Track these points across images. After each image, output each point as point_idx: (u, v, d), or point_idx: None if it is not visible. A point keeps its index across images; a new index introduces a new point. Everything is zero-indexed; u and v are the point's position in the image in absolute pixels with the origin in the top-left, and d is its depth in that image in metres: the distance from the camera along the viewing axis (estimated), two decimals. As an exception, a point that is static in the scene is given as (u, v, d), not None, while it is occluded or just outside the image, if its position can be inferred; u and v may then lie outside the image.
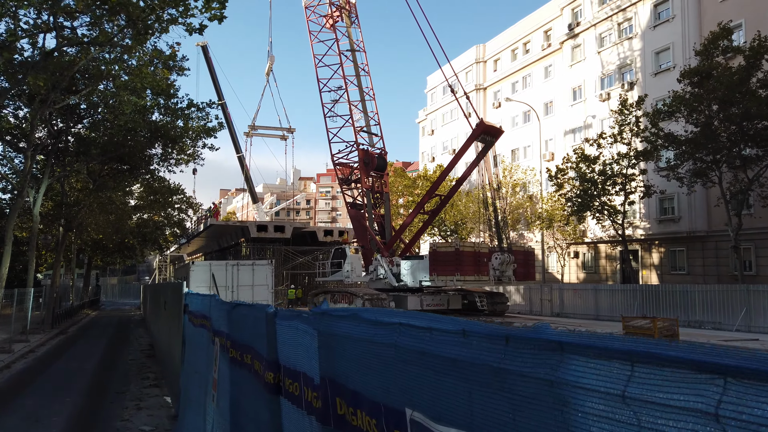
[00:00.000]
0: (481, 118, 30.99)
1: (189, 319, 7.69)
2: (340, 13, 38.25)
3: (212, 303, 5.46)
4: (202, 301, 6.38)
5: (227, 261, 27.72)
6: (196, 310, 6.96)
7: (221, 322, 4.46)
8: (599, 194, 32.56)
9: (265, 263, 25.58)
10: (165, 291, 13.14)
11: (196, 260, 26.12)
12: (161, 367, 13.09)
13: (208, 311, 5.74)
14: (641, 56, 37.81)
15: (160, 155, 26.99)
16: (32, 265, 23.22)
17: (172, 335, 10.18)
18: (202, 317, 6.23)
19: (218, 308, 4.70)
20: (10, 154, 23.14)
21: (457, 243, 30.74)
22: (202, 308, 6.36)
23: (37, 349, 19.29)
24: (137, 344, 20.12)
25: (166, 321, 12.08)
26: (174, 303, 10.01)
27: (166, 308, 12.34)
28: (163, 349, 12.87)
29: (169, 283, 11.47)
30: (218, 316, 4.67)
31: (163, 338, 12.74)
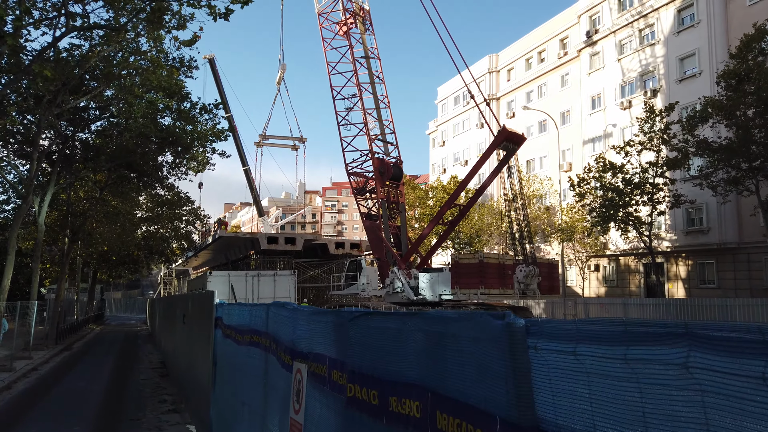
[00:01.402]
0: (504, 125, 29.82)
1: (224, 334, 6.40)
2: (354, 20, 37.36)
3: (273, 313, 4.20)
4: (252, 313, 5.10)
5: (247, 272, 26.38)
6: (237, 324, 5.67)
7: (318, 341, 3.16)
8: (625, 204, 31.25)
9: (287, 274, 24.26)
10: (183, 303, 11.85)
11: (213, 271, 24.80)
12: (179, 389, 11.75)
13: (263, 325, 4.47)
14: (665, 63, 36.71)
15: (170, 163, 25.85)
16: (36, 278, 21.96)
17: (196, 353, 8.88)
18: (251, 333, 4.96)
19: (303, 320, 3.41)
20: (15, 162, 21.99)
21: (481, 254, 29.40)
22: (250, 321, 5.09)
23: (41, 367, 17.97)
24: (147, 361, 18.77)
25: (185, 337, 10.77)
26: (199, 316, 8.72)
27: (185, 322, 11.04)
28: (181, 367, 11.54)
29: (190, 294, 10.19)
30: (304, 331, 3.38)
31: (182, 356, 11.42)
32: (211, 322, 7.42)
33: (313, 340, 3.22)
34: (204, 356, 7.86)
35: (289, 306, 3.69)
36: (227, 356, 6.18)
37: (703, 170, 28.85)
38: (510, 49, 54.10)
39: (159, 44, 17.35)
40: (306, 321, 3.31)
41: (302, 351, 3.34)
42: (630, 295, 38.35)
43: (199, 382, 8.33)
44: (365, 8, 38.73)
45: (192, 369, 9.37)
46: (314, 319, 3.22)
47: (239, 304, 5.91)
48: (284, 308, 3.75)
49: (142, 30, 16.40)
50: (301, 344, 3.38)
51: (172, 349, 14.64)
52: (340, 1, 37.31)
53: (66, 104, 17.22)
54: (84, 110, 21.59)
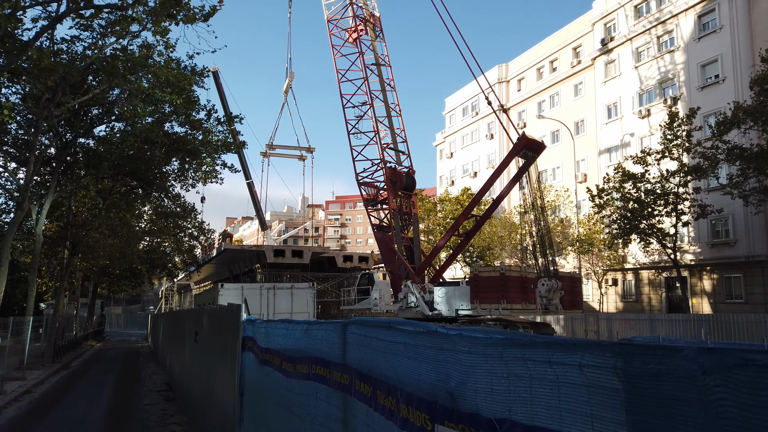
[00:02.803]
0: (524, 131, 28.63)
1: (261, 360, 5.03)
2: (364, 27, 36.38)
3: (359, 336, 2.85)
4: (312, 333, 3.73)
5: (261, 284, 24.94)
6: (283, 348, 4.31)
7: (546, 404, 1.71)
8: (648, 215, 29.88)
9: (305, 287, 22.83)
10: (195, 319, 10.46)
11: (225, 284, 23.38)
12: (191, 418, 10.32)
13: (334, 352, 3.14)
14: (685, 70, 35.58)
15: (176, 171, 24.53)
16: (33, 291, 20.57)
17: (215, 379, 7.49)
18: (309, 361, 3.61)
19: (494, 358, 1.87)
20: (12, 167, 20.70)
21: (502, 267, 27.96)
22: (308, 345, 3.73)
23: (35, 389, 16.51)
24: (151, 383, 17.31)
25: (199, 358, 9.38)
26: (219, 335, 7.35)
27: (198, 341, 9.65)
28: (193, 393, 10.12)
29: (205, 309, 8.82)
30: (500, 380, 1.87)
31: (194, 380, 10.01)
32: (237, 342, 6.06)
33: (529, 403, 1.78)
34: (226, 384, 6.49)
35: (417, 328, 2.31)
36: (266, 388, 4.81)
37: (733, 179, 27.54)
38: (520, 58, 53.15)
39: (165, 37, 16.14)
40: (518, 361, 1.81)
41: (480, 414, 1.92)
42: (651, 311, 36.84)
43: (220, 414, 6.94)
44: (375, 15, 37.79)
45: (209, 397, 7.98)
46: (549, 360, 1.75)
47: (284, 321, 4.57)
48: (400, 331, 2.36)
49: (148, 23, 15.25)
50: (480, 402, 1.96)
51: (180, 370, 13.22)
52: (350, 8, 36.39)
53: (66, 104, 15.97)
54: (86, 113, 20.35)
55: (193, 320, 10.61)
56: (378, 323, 2.70)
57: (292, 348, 4.09)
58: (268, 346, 4.81)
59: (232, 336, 6.27)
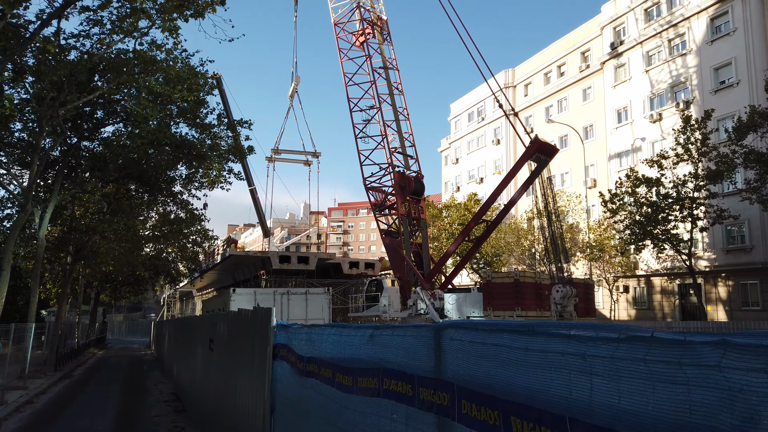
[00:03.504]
0: (536, 135, 28.06)
1: (299, 371, 4.40)
2: (372, 30, 35.94)
3: (481, 343, 2.18)
4: (378, 340, 3.10)
5: (275, 289, 24.26)
6: (333, 358, 3.67)
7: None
8: (662, 221, 29.24)
9: (321, 292, 22.17)
10: (209, 325, 9.82)
11: (237, 288, 22.71)
12: (203, 431, 9.66)
13: (428, 365, 2.51)
14: (698, 73, 35.05)
15: (184, 176, 23.90)
16: (35, 297, 19.94)
17: (237, 391, 6.86)
18: (381, 374, 2.99)
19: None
20: (16, 170, 20.10)
21: (516, 273, 27.34)
22: (373, 354, 3.09)
23: (37, 399, 15.85)
24: (157, 393, 16.64)
25: (215, 367, 8.74)
26: (242, 342, 6.72)
27: (213, 348, 9.01)
28: (208, 405, 9.47)
29: (224, 314, 8.18)
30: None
31: (209, 391, 9.36)
32: (266, 350, 5.43)
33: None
34: (253, 396, 5.86)
35: (604, 332, 1.67)
36: (309, 403, 4.16)
37: (750, 183, 26.92)
38: (527, 63, 52.70)
39: (175, 36, 15.60)
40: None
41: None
42: (663, 318, 36.14)
43: (243, 429, 6.30)
44: (383, 18, 37.36)
45: (228, 410, 7.34)
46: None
47: (336, 326, 3.93)
48: (563, 338, 1.71)
49: (157, 20, 14.72)
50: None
51: (190, 379, 12.57)
52: (358, 11, 35.99)
53: (72, 102, 15.41)
54: (91, 114, 19.79)
55: (207, 327, 9.98)
56: (506, 327, 2.09)
57: (350, 357, 3.47)
58: (311, 355, 4.18)
59: (260, 343, 5.65)
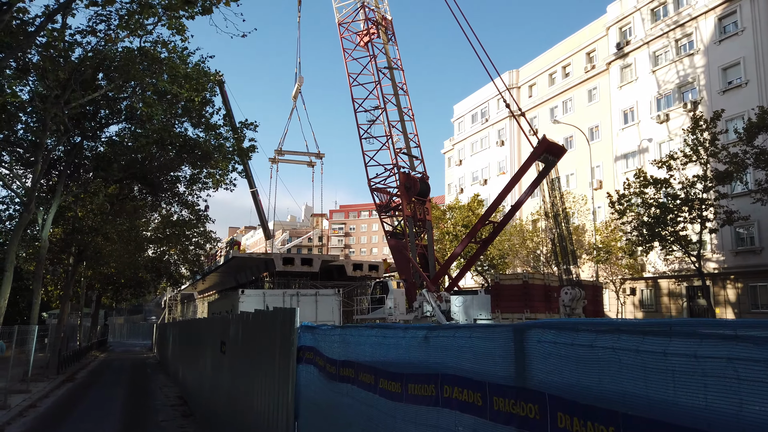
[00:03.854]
0: (544, 135, 27.77)
1: (331, 376, 4.07)
2: (376, 30, 35.67)
3: (589, 346, 1.84)
4: (434, 342, 2.75)
5: (284, 290, 23.95)
6: (381, 362, 3.32)
7: None
8: (671, 222, 28.88)
9: (331, 293, 21.84)
10: (220, 327, 9.49)
11: (246, 290, 22.35)
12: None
13: (506, 372, 2.18)
14: (705, 73, 34.75)
15: (188, 176, 23.56)
16: (37, 299, 19.61)
17: (254, 395, 6.52)
18: (440, 381, 2.64)
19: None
20: (17, 169, 19.77)
21: (525, 275, 26.97)
22: (430, 359, 2.74)
23: (40, 403, 15.51)
24: (162, 396, 16.29)
25: (227, 370, 8.41)
26: (260, 345, 6.39)
27: (225, 351, 8.68)
28: (218, 408, 9.13)
29: (240, 315, 7.83)
30: None
31: (219, 395, 9.02)
32: (290, 353, 5.10)
33: None
34: (273, 402, 5.53)
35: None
36: (345, 410, 3.81)
37: (762, 184, 26.58)
38: (531, 64, 52.40)
39: (182, 33, 15.32)
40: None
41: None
42: (671, 320, 35.71)
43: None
44: (387, 18, 37.10)
45: (243, 416, 7.00)
46: None
47: (378, 326, 3.59)
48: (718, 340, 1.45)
49: (163, 16, 14.44)
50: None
51: (198, 383, 12.23)
52: (362, 11, 35.75)
53: (77, 100, 15.11)
54: (95, 113, 19.48)
55: (218, 329, 9.65)
56: (626, 327, 1.77)
57: (396, 361, 3.12)
58: (346, 358, 3.85)
59: (283, 346, 5.32)
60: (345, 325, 4.41)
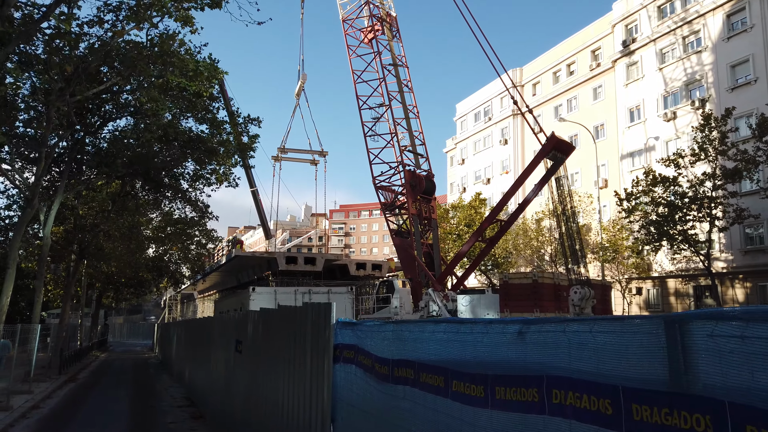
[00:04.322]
0: (553, 132, 27.43)
1: (381, 375, 3.67)
2: (381, 26, 35.26)
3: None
4: (534, 339, 2.35)
5: (296, 288, 23.57)
6: (455, 360, 2.91)
7: None
8: (679, 221, 28.51)
9: (344, 291, 21.48)
10: (237, 326, 9.07)
11: (257, 287, 21.89)
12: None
13: (657, 374, 1.80)
14: (713, 71, 34.40)
15: (192, 172, 23.10)
16: (39, 298, 19.19)
17: (279, 396, 6.11)
18: (541, 384, 2.24)
19: None
20: (18, 164, 19.33)
21: (535, 273, 26.61)
22: (528, 358, 2.35)
23: (43, 404, 15.08)
24: (169, 398, 15.87)
25: (246, 371, 8.00)
26: (289, 343, 5.97)
27: (242, 350, 8.28)
28: (233, 410, 8.73)
29: (262, 312, 7.38)
30: None
31: (235, 396, 8.61)
32: (325, 352, 4.70)
33: None
34: (306, 404, 5.12)
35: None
36: (402, 415, 3.40)
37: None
38: (535, 62, 52.02)
39: (191, 25, 14.94)
40: None
41: None
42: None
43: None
44: (392, 14, 36.71)
45: (266, 416, 6.59)
46: None
47: (446, 321, 3.17)
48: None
49: (172, 8, 14.05)
50: None
51: (208, 384, 11.81)
52: (366, 7, 35.34)
53: (82, 93, 14.68)
54: (99, 107, 19.05)
55: (232, 327, 9.24)
56: None
57: (477, 361, 2.70)
58: (402, 357, 3.44)
59: (316, 344, 4.91)
60: (400, 321, 4.01)
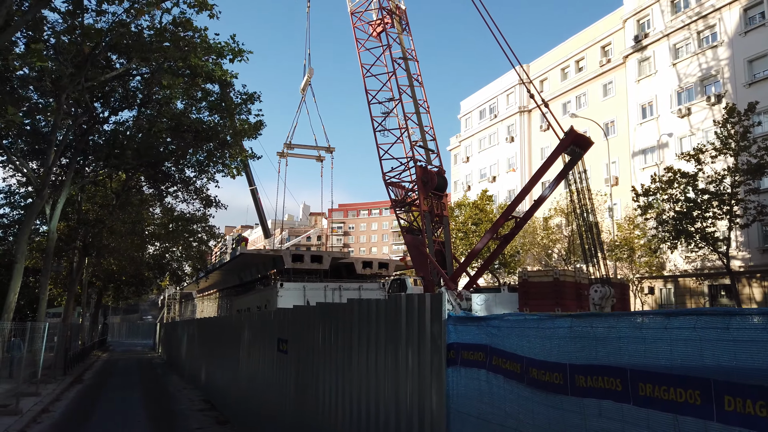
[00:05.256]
0: (571, 126, 26.68)
1: (544, 384, 2.90)
2: (390, 19, 34.51)
3: None
4: None
5: (326, 284, 22.81)
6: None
7: None
8: (699, 218, 27.85)
9: (375, 287, 20.80)
10: (279, 323, 8.27)
11: (285, 283, 21.02)
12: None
13: None
14: (730, 66, 33.78)
15: (201, 162, 22.23)
16: (45, 295, 18.35)
17: (351, 403, 5.33)
18: None
19: None
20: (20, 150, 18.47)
21: (556, 271, 25.87)
22: None
23: (52, 407, 14.24)
24: (186, 400, 15.04)
25: (294, 373, 7.20)
26: (383, 341, 5.20)
27: (287, 350, 7.49)
28: (280, 417, 7.93)
29: (315, 307, 6.57)
30: None
31: (277, 402, 7.81)
32: (436, 353, 3.93)
33: None
34: (410, 416, 4.34)
35: None
36: None
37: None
38: (542, 59, 51.35)
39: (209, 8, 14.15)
40: None
41: None
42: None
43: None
44: (401, 7, 35.96)
45: (330, 425, 5.80)
46: None
47: (692, 312, 2.41)
48: None
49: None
50: None
51: (236, 386, 10.99)
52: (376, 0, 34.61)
53: (96, 78, 13.87)
54: (107, 97, 18.21)
55: (274, 325, 8.45)
56: None
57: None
58: (593, 363, 2.61)
59: (424, 343, 4.11)
60: (580, 314, 3.24)
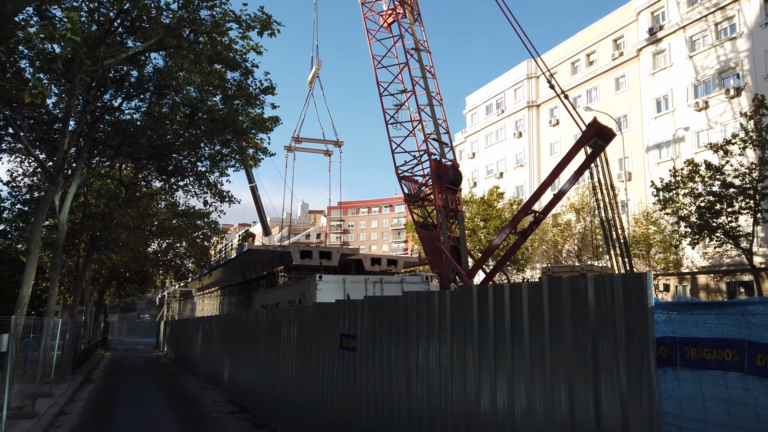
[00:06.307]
0: (595, 117, 25.86)
1: None
2: (402, 9, 33.64)
3: None
4: None
5: (367, 276, 21.94)
6: None
7: None
8: (723, 212, 27.13)
9: (418, 281, 19.94)
10: (343, 315, 7.40)
11: (324, 276, 20.16)
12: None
13: None
14: (749, 58, 33.10)
15: (214, 156, 21.27)
16: (54, 290, 17.42)
17: (518, 410, 4.47)
18: None
19: None
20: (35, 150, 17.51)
21: (582, 266, 25.16)
22: None
23: (68, 408, 13.33)
24: (211, 402, 14.13)
25: (372, 376, 6.34)
26: (570, 339, 4.36)
27: (355, 348, 6.62)
28: (355, 423, 7.06)
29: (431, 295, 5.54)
30: None
31: (338, 402, 6.95)
32: (643, 349, 3.08)
33: None
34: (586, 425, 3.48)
35: None
36: None
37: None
38: (552, 52, 50.56)
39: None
40: None
41: None
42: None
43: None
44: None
45: None
46: None
47: None
48: None
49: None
50: None
51: (276, 388, 10.11)
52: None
53: (114, 56, 12.95)
54: (122, 81, 17.26)
55: (335, 319, 7.58)
56: None
57: None
58: None
59: (630, 340, 3.23)
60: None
